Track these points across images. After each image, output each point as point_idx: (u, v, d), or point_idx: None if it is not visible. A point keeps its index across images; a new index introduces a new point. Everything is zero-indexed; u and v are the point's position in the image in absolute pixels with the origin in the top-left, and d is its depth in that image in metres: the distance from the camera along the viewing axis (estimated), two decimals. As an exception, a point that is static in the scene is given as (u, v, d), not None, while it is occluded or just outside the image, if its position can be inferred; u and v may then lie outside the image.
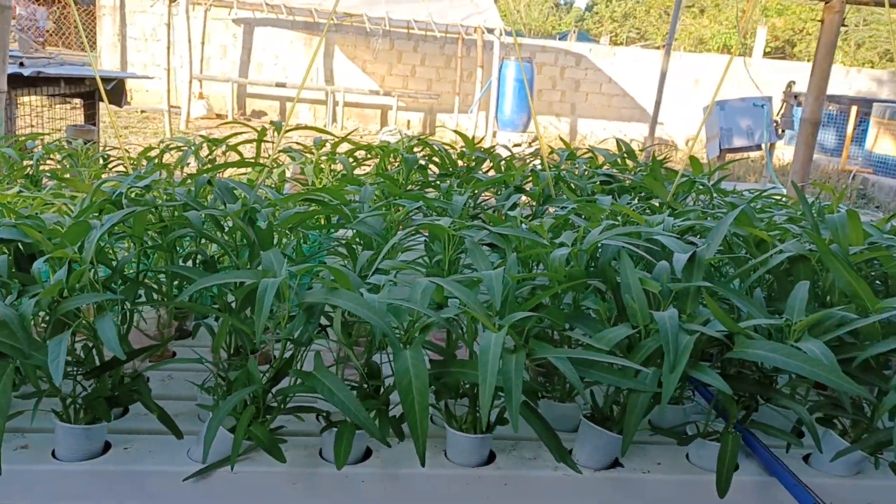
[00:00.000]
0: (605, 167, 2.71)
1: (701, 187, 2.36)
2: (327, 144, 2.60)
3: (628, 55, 13.51)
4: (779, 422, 1.46)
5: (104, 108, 4.98)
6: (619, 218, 1.80)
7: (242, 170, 2.54)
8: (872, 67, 19.49)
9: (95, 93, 4.63)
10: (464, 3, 10.61)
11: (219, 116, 11.71)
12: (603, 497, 1.34)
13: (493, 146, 2.49)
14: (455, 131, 2.96)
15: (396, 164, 2.51)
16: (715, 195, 2.31)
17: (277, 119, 12.62)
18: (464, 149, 2.70)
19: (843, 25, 3.66)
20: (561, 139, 2.57)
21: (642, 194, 2.37)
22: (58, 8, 15.68)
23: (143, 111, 11.70)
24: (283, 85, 11.95)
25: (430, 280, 1.29)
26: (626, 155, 2.67)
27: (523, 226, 1.65)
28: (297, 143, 2.98)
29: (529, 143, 11.06)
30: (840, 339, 1.37)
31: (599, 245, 1.50)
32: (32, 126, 4.29)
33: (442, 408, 1.34)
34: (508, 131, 11.05)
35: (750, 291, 1.48)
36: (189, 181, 1.78)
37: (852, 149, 10.42)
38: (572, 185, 2.32)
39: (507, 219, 1.80)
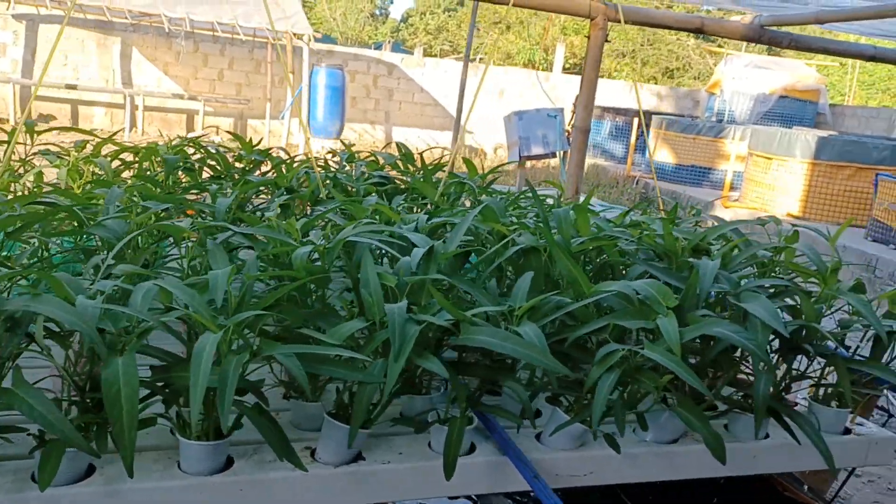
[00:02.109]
0: (388, 170, 2.76)
1: (476, 188, 2.46)
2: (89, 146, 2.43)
3: (438, 66, 13.91)
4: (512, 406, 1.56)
5: None
6: (377, 217, 1.83)
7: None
8: (656, 83, 21.54)
9: None
10: (270, 6, 10.37)
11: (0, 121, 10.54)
12: (343, 492, 1.35)
13: (306, 153, 2.45)
14: (233, 134, 2.88)
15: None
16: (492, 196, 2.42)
17: (69, 124, 11.60)
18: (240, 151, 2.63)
19: (607, 41, 4.00)
20: (465, 160, 2.60)
21: (416, 195, 2.44)
22: None
23: None
24: (73, 87, 11.01)
25: (153, 283, 1.23)
26: (403, 158, 2.74)
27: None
28: (61, 146, 2.75)
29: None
30: (563, 322, 1.49)
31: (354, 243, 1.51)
32: None
33: (173, 416, 1.28)
34: (322, 138, 10.94)
35: (485, 282, 1.56)
36: None
37: (636, 157, 11.43)
38: (349, 186, 2.34)
39: (263, 219, 1.77)
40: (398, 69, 13.41)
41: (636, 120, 11.30)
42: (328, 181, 2.26)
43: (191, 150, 2.60)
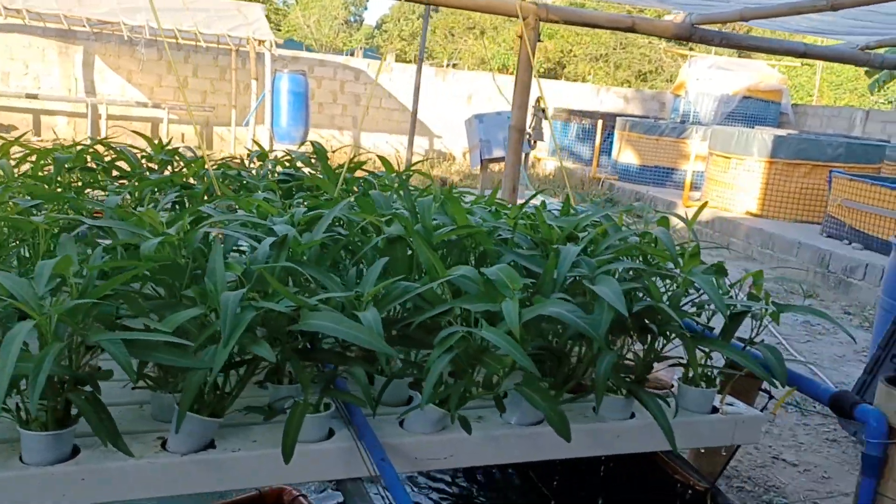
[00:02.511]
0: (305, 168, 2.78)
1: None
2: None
3: (405, 71, 13.95)
4: (400, 393, 1.58)
5: None
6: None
7: None
8: (630, 86, 21.74)
9: None
10: (231, 13, 10.36)
11: (-44, 130, 10.44)
12: (191, 479, 1.35)
13: (231, 156, 2.46)
14: (140, 134, 2.88)
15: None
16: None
17: (31, 135, 11.50)
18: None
19: (539, 41, 4.04)
20: (378, 157, 2.61)
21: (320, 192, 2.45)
22: None
23: None
24: (34, 96, 10.93)
25: (-20, 273, 1.24)
26: (315, 157, 2.75)
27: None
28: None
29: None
30: (420, 308, 1.51)
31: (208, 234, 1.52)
32: None
33: (13, 407, 1.28)
34: (286, 144, 10.93)
35: (346, 269, 1.58)
36: None
37: (602, 159, 11.53)
38: (248, 183, 2.35)
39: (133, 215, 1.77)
40: (365, 74, 13.43)
41: (600, 122, 11.40)
42: (226, 180, 2.28)
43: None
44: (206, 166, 2.28)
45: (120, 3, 9.83)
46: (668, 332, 1.56)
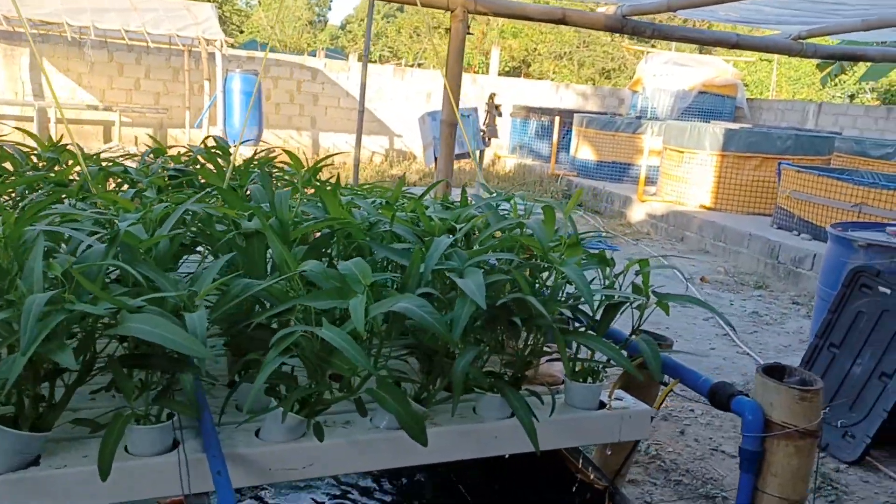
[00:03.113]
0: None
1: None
2: None
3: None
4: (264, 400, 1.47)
5: None
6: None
7: None
8: (594, 84, 21.78)
9: None
10: (180, 13, 10.15)
11: None
12: (10, 498, 1.24)
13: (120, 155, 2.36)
14: (23, 130, 2.74)
15: None
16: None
17: (-24, 138, 11.16)
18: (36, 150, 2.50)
19: (469, 33, 3.96)
20: (284, 151, 2.49)
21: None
22: None
23: None
24: (-23, 100, 10.63)
25: None
26: (216, 152, 2.64)
27: None
28: None
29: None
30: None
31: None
32: None
33: None
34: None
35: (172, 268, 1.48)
36: None
37: (561, 155, 11.51)
38: (132, 179, 2.24)
39: None
40: (322, 73, 13.29)
41: (557, 118, 11.37)
42: (109, 177, 2.16)
43: None
44: (82, 164, 2.15)
45: (64, 4, 9.58)
46: (538, 326, 1.48)
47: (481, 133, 8.92)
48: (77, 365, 1.12)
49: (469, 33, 3.98)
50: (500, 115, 8.70)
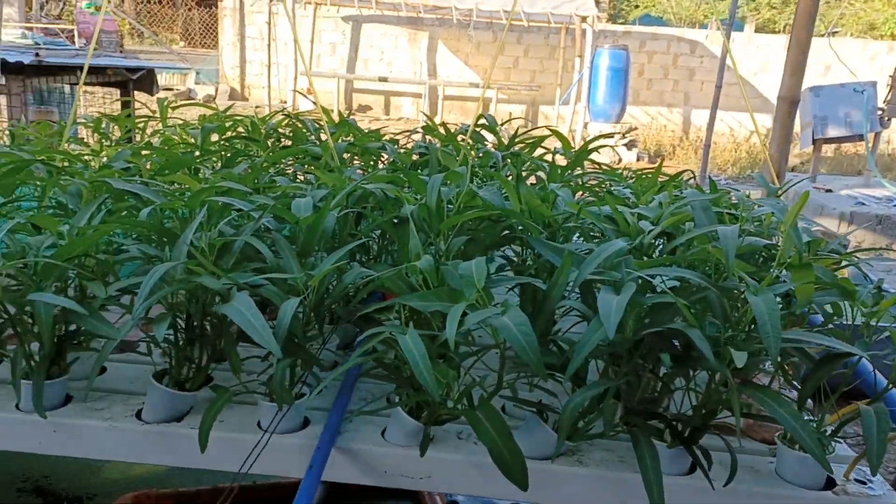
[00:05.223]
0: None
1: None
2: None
3: (750, 42, 12.57)
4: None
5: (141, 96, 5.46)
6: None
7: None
8: None
9: (129, 82, 5.10)
10: (558, -8, 10.39)
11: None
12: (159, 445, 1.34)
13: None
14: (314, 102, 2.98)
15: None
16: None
17: (382, 114, 13.04)
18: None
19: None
20: (551, 130, 2.44)
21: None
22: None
23: (258, 105, 12.53)
24: (385, 80, 12.32)
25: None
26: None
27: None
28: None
29: (623, 135, 10.62)
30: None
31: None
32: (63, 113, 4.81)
33: None
34: (601, 122, 10.68)
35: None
36: None
37: None
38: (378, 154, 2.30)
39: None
40: (701, 46, 12.43)
41: None
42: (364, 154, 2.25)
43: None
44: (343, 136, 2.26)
45: (453, -12, 10.52)
46: (692, 366, 1.09)
47: (879, 112, 7.44)
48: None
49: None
50: None
